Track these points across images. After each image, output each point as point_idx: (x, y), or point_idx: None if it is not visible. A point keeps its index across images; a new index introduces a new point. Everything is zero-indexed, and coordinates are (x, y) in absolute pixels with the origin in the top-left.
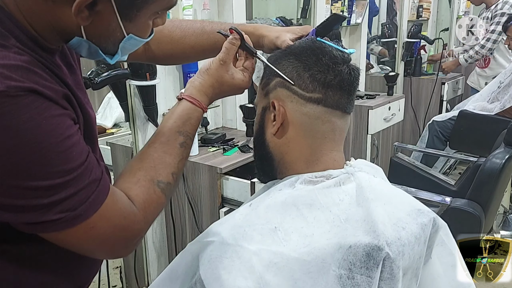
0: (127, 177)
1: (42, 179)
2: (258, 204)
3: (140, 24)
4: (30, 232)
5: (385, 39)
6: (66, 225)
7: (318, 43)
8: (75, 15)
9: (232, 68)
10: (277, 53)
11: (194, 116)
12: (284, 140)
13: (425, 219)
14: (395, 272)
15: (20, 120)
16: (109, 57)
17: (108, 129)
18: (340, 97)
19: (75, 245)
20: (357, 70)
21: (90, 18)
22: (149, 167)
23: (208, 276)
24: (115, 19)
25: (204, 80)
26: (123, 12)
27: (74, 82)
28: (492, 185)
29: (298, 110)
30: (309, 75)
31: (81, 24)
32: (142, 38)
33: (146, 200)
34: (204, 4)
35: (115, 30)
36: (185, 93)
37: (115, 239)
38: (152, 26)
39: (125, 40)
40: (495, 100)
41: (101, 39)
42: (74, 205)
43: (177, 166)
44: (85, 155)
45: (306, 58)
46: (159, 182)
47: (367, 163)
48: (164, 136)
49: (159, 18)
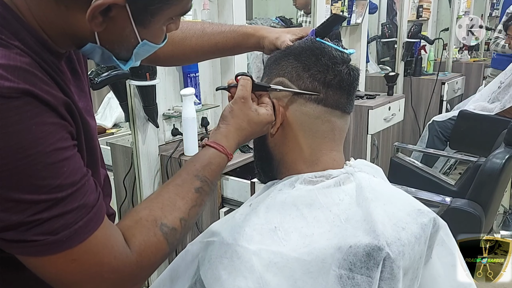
0: (130, 215)
1: (26, 192)
2: (258, 204)
3: (155, 30)
4: (7, 250)
5: (385, 39)
6: (44, 251)
7: (318, 44)
8: (89, 21)
9: (254, 105)
10: (277, 54)
11: (216, 161)
12: (284, 140)
13: (425, 219)
14: (395, 272)
15: (8, 121)
16: (123, 63)
17: (108, 129)
18: (339, 97)
19: (53, 278)
20: (357, 71)
21: (104, 24)
22: (156, 208)
23: (208, 276)
24: (129, 25)
25: (229, 124)
26: (138, 18)
27: (78, 89)
28: (492, 185)
29: (298, 110)
30: (309, 75)
31: (95, 30)
32: (156, 44)
33: (143, 242)
34: (204, 4)
35: (129, 36)
36: (210, 140)
37: (100, 280)
38: (166, 31)
39: (139, 46)
40: (496, 100)
41: (114, 45)
42: (57, 229)
43: (188, 212)
44: (80, 175)
45: (305, 59)
46: (163, 225)
47: (367, 163)
48: (180, 178)
49: (173, 23)
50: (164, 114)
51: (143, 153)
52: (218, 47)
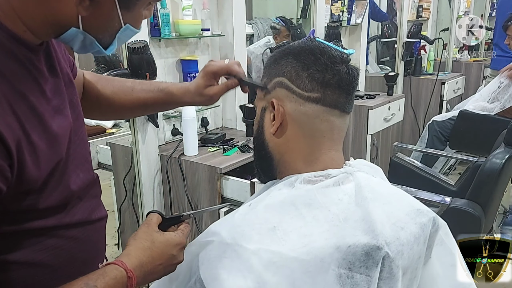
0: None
1: None
2: (257, 203)
3: (136, 14)
4: None
5: (385, 39)
6: None
7: (317, 43)
8: (77, 5)
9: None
10: (276, 54)
11: (112, 274)
12: (283, 140)
13: (424, 218)
14: (394, 272)
15: None
16: (104, 48)
17: (108, 129)
18: (338, 96)
19: None
20: (356, 70)
21: (91, 8)
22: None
23: (208, 276)
24: (114, 8)
25: (131, 245)
26: (123, 0)
27: (53, 87)
28: (492, 185)
29: (297, 109)
30: (308, 75)
31: (81, 14)
32: (136, 29)
33: None
34: (204, 4)
35: (113, 20)
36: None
37: None
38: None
39: (121, 30)
40: (495, 100)
41: (98, 29)
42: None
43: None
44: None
45: (304, 58)
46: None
47: (366, 163)
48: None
49: (147, 10)
50: (164, 114)
51: (143, 153)
52: (148, 104)
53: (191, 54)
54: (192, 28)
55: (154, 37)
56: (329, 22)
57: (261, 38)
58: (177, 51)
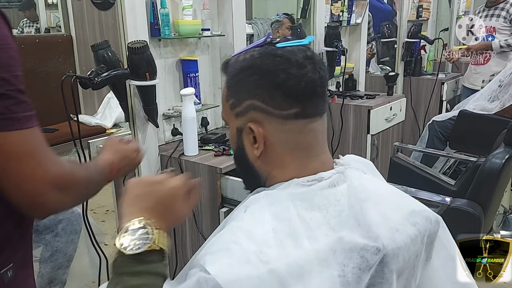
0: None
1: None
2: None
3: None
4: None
5: (385, 39)
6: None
7: (280, 51)
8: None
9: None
10: (238, 70)
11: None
12: (270, 159)
13: (419, 218)
14: (387, 276)
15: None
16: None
17: (108, 129)
18: (316, 104)
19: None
20: (323, 65)
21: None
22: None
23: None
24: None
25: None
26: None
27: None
28: (492, 185)
29: (279, 129)
30: (282, 93)
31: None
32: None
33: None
34: (204, 4)
35: None
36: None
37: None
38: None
39: None
40: (496, 99)
41: None
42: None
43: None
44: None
45: (273, 77)
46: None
47: (356, 158)
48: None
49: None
50: (164, 114)
51: (143, 153)
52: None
53: (191, 54)
54: (192, 28)
55: (154, 37)
56: (329, 22)
57: (261, 38)
58: (177, 51)
